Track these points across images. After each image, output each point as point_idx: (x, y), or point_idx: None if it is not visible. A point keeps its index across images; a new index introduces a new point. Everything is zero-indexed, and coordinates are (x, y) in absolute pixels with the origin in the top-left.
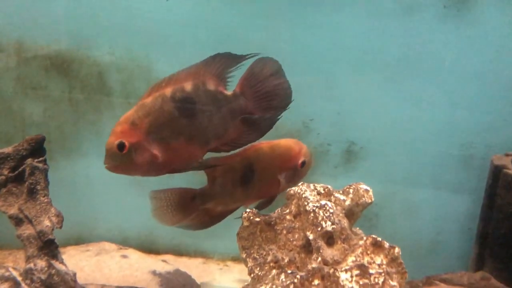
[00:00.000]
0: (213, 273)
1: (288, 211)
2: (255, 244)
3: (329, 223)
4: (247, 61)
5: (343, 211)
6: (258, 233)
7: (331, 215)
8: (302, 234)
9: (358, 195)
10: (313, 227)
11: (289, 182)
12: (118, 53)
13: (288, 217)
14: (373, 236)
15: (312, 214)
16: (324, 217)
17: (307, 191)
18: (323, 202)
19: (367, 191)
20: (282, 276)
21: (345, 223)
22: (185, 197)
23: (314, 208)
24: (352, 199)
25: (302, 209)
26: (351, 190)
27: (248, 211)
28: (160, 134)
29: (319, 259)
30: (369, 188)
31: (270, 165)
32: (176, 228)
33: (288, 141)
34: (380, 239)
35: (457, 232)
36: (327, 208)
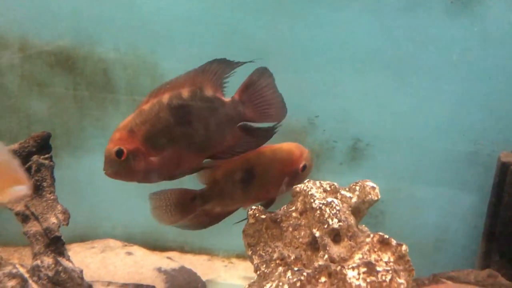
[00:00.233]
0: (218, 270)
1: (294, 208)
2: (261, 241)
3: (335, 220)
4: (246, 66)
5: (350, 209)
6: (264, 230)
7: (337, 212)
8: (308, 231)
9: (364, 192)
10: (319, 225)
11: (289, 185)
12: (123, 50)
13: (294, 214)
14: (380, 233)
15: (319, 212)
16: (331, 214)
17: (313, 188)
18: (329, 199)
19: (373, 188)
20: (289, 274)
21: (351, 220)
22: (184, 197)
23: (321, 205)
24: (359, 196)
25: (308, 206)
26: (357, 187)
27: (254, 208)
28: (157, 141)
29: (326, 256)
30: (375, 185)
31: (271, 169)
32: None
33: (290, 145)
34: (387, 236)
35: (463, 230)
36: (334, 205)
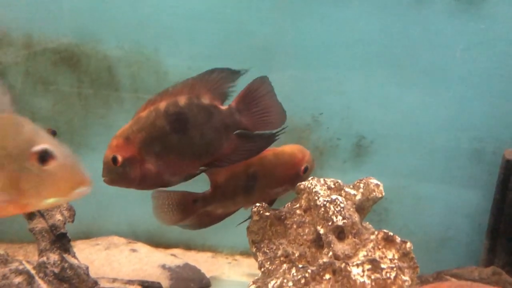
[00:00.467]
0: (222, 267)
1: (298, 205)
2: (265, 239)
3: (340, 217)
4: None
5: (354, 206)
6: (268, 228)
7: (341, 209)
8: (313, 228)
9: (368, 189)
10: (323, 222)
11: (290, 188)
12: (127, 47)
13: (298, 211)
14: (385, 230)
15: (323, 209)
16: (335, 211)
17: (317, 185)
18: (333, 197)
19: (377, 185)
20: (293, 271)
21: (356, 217)
22: (186, 199)
23: (325, 202)
24: (363, 194)
25: (312, 203)
26: (361, 185)
27: (258, 205)
28: (153, 149)
29: (330, 253)
30: (379, 183)
31: (273, 172)
32: None
33: (292, 147)
34: (391, 233)
35: (467, 227)
36: (338, 202)
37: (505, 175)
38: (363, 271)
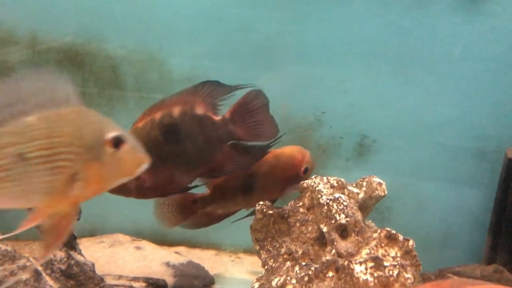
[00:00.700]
0: (225, 264)
1: (301, 204)
2: (268, 237)
3: (343, 215)
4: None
5: (357, 204)
6: (271, 226)
7: (344, 208)
8: (316, 226)
9: (371, 188)
10: (326, 220)
11: (291, 188)
12: (131, 47)
13: (301, 209)
14: (387, 228)
15: (326, 207)
16: (338, 210)
17: (320, 184)
18: (336, 195)
19: (380, 184)
20: (297, 268)
21: (358, 216)
22: (186, 200)
23: (328, 201)
24: (366, 192)
25: (315, 202)
26: (364, 183)
27: (261, 203)
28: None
29: (333, 251)
30: (382, 181)
31: (272, 174)
32: None
33: (292, 149)
34: (394, 231)
35: (469, 226)
36: (341, 201)
37: (507, 173)
38: (366, 268)
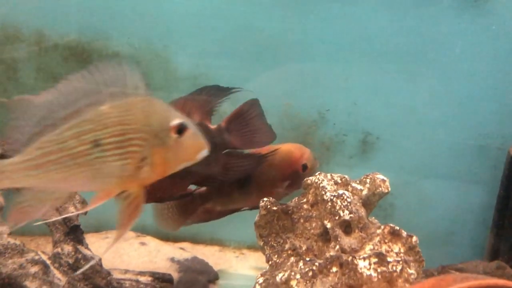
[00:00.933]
0: (229, 260)
1: (305, 200)
2: (272, 233)
3: (346, 212)
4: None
5: (360, 201)
6: (275, 222)
7: (348, 204)
8: (320, 223)
9: (375, 185)
10: (330, 216)
11: (291, 186)
12: (137, 44)
13: (305, 206)
14: (391, 225)
15: (330, 203)
16: (342, 206)
17: (324, 180)
18: (340, 192)
19: (383, 181)
20: (301, 264)
21: (362, 212)
22: (184, 200)
23: (332, 197)
24: (369, 189)
25: (319, 198)
26: (368, 180)
27: (265, 200)
28: None
29: (337, 247)
30: (385, 178)
31: (269, 170)
32: None
33: (290, 145)
34: (397, 228)
35: (472, 223)
36: (345, 197)
37: (510, 171)
38: (369, 264)
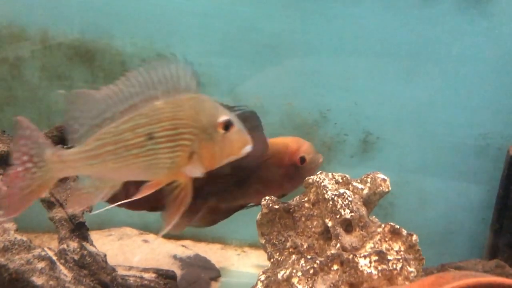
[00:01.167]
0: (231, 258)
1: (306, 199)
2: (274, 231)
3: (347, 211)
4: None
5: (361, 200)
6: (277, 220)
7: (349, 203)
8: (321, 221)
9: (375, 184)
10: (331, 215)
11: (291, 179)
12: (140, 43)
13: (306, 204)
14: (391, 223)
15: (331, 202)
16: (343, 205)
17: (325, 179)
18: (341, 191)
19: (384, 180)
20: (302, 261)
21: (363, 211)
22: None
23: (333, 196)
24: (370, 188)
25: (320, 197)
26: (368, 179)
27: (267, 198)
28: None
29: (338, 245)
30: (386, 178)
31: (266, 164)
32: None
33: (287, 138)
34: (398, 226)
35: (471, 222)
36: (346, 196)
37: (509, 170)
38: (370, 262)
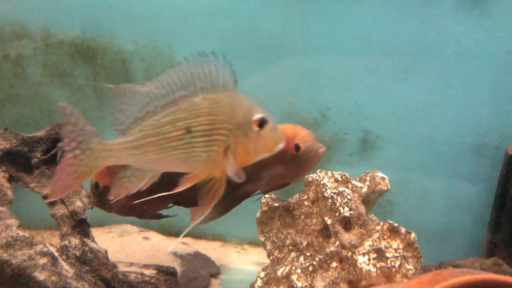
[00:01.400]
0: (231, 255)
1: (306, 197)
2: (273, 228)
3: (346, 209)
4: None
5: (360, 198)
6: (277, 218)
7: (348, 201)
8: (320, 219)
9: (374, 182)
10: (331, 213)
11: (290, 168)
12: (141, 42)
13: (306, 202)
14: (390, 221)
15: (330, 200)
16: (342, 203)
17: (325, 178)
18: (341, 189)
19: (383, 178)
20: (301, 259)
21: (362, 209)
22: None
23: (332, 194)
24: (369, 186)
25: (320, 195)
26: (367, 178)
27: (267, 196)
28: None
29: (337, 243)
30: (385, 176)
31: None
32: None
33: (286, 125)
34: (396, 224)
35: (469, 221)
36: (345, 194)
37: (507, 170)
38: (369, 259)
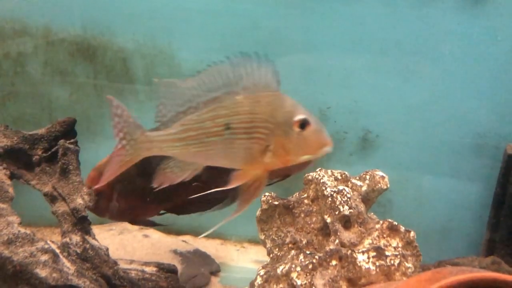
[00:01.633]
0: (230, 253)
1: (306, 195)
2: (273, 227)
3: (346, 207)
4: None
5: (360, 196)
6: (277, 216)
7: (348, 199)
8: (320, 217)
9: (374, 181)
10: (330, 211)
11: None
12: (142, 40)
13: (306, 201)
14: (389, 220)
15: (330, 199)
16: (342, 201)
17: (325, 176)
18: (340, 187)
19: (383, 177)
20: (301, 257)
21: (361, 207)
22: None
23: (332, 192)
24: (369, 185)
25: (320, 193)
26: (367, 176)
27: (267, 194)
28: (120, 188)
29: (337, 241)
30: (385, 175)
31: None
32: None
33: None
34: (396, 223)
35: (469, 219)
36: (345, 193)
37: (506, 169)
38: (368, 258)
